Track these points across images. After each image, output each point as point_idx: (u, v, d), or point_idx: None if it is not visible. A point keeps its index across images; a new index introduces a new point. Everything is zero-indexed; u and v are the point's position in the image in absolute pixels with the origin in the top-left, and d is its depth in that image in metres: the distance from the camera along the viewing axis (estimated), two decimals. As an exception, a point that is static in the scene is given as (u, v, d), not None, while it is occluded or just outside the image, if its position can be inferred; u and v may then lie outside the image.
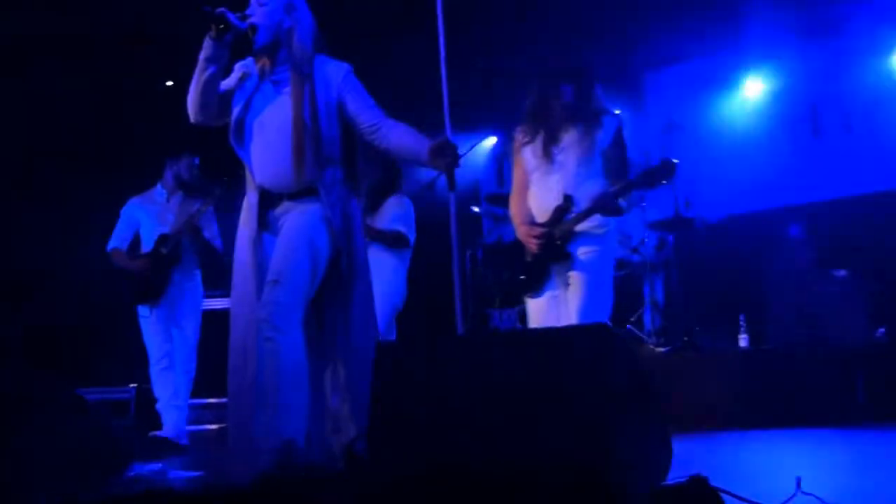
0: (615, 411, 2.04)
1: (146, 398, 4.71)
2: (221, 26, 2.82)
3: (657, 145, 7.14)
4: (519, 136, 3.69)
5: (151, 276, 4.67)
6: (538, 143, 3.58)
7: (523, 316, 5.81)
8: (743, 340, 5.23)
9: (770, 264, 5.59)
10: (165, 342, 4.65)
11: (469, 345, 2.57)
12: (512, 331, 5.61)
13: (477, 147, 7.28)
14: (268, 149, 2.94)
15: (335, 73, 2.98)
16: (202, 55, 2.88)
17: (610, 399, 2.04)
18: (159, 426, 4.53)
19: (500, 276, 4.02)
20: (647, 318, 5.77)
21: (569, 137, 3.53)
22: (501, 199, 6.53)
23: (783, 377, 4.55)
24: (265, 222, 2.97)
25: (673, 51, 6.76)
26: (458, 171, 3.20)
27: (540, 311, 3.55)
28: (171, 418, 4.54)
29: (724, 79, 6.71)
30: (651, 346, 5.36)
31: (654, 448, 2.31)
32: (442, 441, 2.15)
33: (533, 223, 3.54)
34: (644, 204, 5.94)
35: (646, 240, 5.84)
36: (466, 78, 5.48)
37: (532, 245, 3.50)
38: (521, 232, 3.60)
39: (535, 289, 3.54)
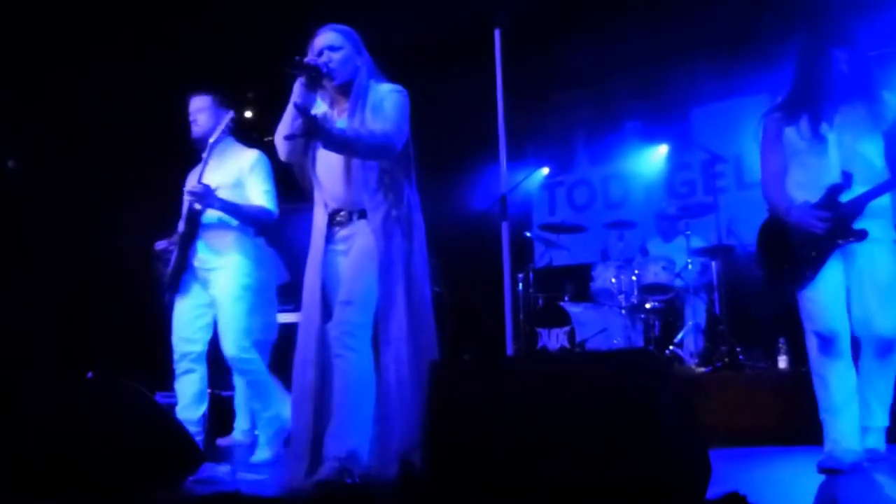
0: (657, 430, 1.96)
1: (217, 403, 4.65)
2: (314, 75, 2.82)
3: (702, 176, 7.02)
4: (774, 117, 3.24)
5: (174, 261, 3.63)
6: (804, 122, 3.12)
7: (572, 335, 5.78)
8: (782, 362, 5.05)
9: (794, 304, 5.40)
10: (187, 340, 3.60)
11: (520, 364, 2.52)
12: (560, 351, 5.51)
13: (531, 177, 7.24)
14: (331, 171, 2.93)
15: (380, 92, 2.94)
16: (294, 102, 2.85)
17: (652, 419, 1.96)
18: (231, 428, 4.39)
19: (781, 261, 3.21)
20: (690, 341, 5.61)
21: (844, 115, 3.08)
22: (553, 228, 6.47)
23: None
24: (335, 241, 2.95)
25: (717, 89, 6.64)
26: (512, 200, 3.13)
27: (819, 303, 3.05)
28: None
29: (765, 115, 6.54)
30: (693, 367, 5.20)
31: (694, 465, 2.24)
32: (492, 457, 2.09)
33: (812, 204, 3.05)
34: (688, 232, 5.80)
35: (690, 265, 5.69)
36: (521, 110, 5.44)
37: (817, 226, 3.02)
38: (796, 214, 3.09)
39: (809, 277, 3.03)
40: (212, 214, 3.62)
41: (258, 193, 3.68)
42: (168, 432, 2.31)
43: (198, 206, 3.56)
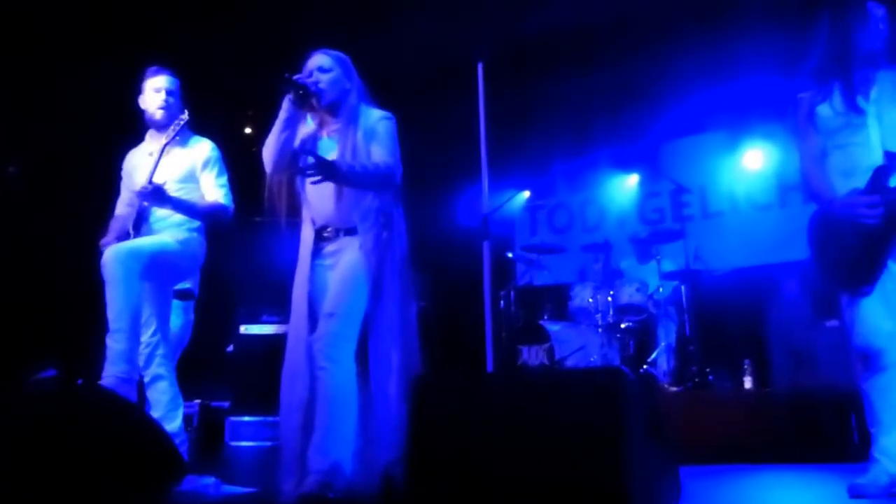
0: (628, 446, 1.88)
1: (209, 413, 4.51)
2: (302, 92, 2.76)
3: (670, 204, 7.02)
4: (807, 96, 2.69)
5: None
6: (837, 95, 2.59)
7: (551, 353, 5.68)
8: (748, 382, 5.02)
9: (771, 314, 5.39)
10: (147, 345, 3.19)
11: (499, 380, 2.44)
12: (538, 368, 5.41)
13: (513, 200, 7.20)
14: (321, 190, 2.82)
15: (373, 118, 2.88)
16: (282, 117, 2.80)
17: (623, 435, 1.88)
18: (220, 439, 4.25)
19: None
20: (662, 360, 5.54)
21: (881, 85, 2.55)
22: (534, 248, 6.41)
23: (784, 417, 4.33)
24: (322, 256, 2.85)
25: (685, 125, 6.71)
26: (495, 221, 3.05)
27: (870, 314, 2.51)
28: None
29: (728, 150, 6.63)
30: (665, 386, 5.13)
31: (664, 481, 2.18)
32: (470, 472, 1.99)
33: (856, 192, 2.48)
34: (659, 257, 5.75)
35: (661, 289, 5.63)
36: (505, 139, 5.40)
37: (868, 216, 2.45)
38: (841, 205, 2.54)
39: (866, 280, 2.45)
40: (159, 213, 3.27)
41: (213, 188, 3.31)
42: (151, 442, 2.18)
43: (146, 204, 3.23)
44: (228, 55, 5.59)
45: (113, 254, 3.03)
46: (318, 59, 2.88)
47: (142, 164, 3.34)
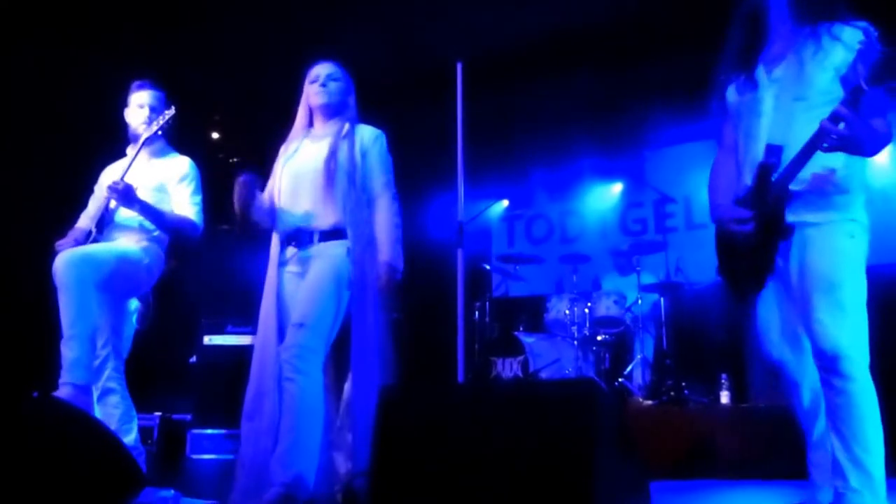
0: (599, 459, 1.93)
1: (169, 426, 4.49)
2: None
3: (653, 215, 7.11)
4: (721, 80, 2.45)
5: None
6: (741, 73, 2.34)
7: (525, 365, 5.74)
8: (724, 397, 5.08)
9: (750, 328, 5.45)
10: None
11: (468, 392, 2.48)
12: (509, 380, 5.46)
13: (491, 209, 7.25)
14: (303, 192, 2.91)
15: (368, 134, 3.01)
16: (241, 202, 2.89)
17: (594, 447, 1.93)
18: (182, 452, 4.24)
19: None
20: (638, 373, 5.60)
21: (787, 64, 2.24)
22: (511, 259, 6.46)
23: (760, 432, 4.39)
24: (291, 262, 2.90)
25: (670, 135, 6.75)
26: (471, 232, 3.13)
27: (758, 326, 2.42)
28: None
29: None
30: (640, 399, 5.19)
31: (633, 495, 2.22)
32: (438, 483, 2.03)
33: (733, 201, 2.30)
34: (639, 268, 5.82)
35: (640, 301, 5.70)
36: (483, 145, 5.45)
37: (737, 231, 2.27)
38: (715, 215, 2.39)
39: (753, 287, 2.32)
40: (126, 215, 3.25)
41: (186, 203, 3.32)
42: (108, 454, 2.19)
43: (113, 205, 3.22)
44: (194, 59, 5.60)
45: (65, 259, 3.00)
46: (328, 67, 3.05)
47: (116, 172, 3.36)
